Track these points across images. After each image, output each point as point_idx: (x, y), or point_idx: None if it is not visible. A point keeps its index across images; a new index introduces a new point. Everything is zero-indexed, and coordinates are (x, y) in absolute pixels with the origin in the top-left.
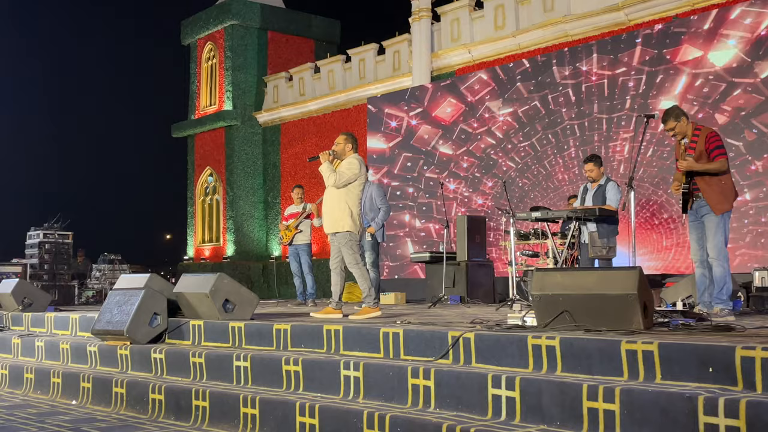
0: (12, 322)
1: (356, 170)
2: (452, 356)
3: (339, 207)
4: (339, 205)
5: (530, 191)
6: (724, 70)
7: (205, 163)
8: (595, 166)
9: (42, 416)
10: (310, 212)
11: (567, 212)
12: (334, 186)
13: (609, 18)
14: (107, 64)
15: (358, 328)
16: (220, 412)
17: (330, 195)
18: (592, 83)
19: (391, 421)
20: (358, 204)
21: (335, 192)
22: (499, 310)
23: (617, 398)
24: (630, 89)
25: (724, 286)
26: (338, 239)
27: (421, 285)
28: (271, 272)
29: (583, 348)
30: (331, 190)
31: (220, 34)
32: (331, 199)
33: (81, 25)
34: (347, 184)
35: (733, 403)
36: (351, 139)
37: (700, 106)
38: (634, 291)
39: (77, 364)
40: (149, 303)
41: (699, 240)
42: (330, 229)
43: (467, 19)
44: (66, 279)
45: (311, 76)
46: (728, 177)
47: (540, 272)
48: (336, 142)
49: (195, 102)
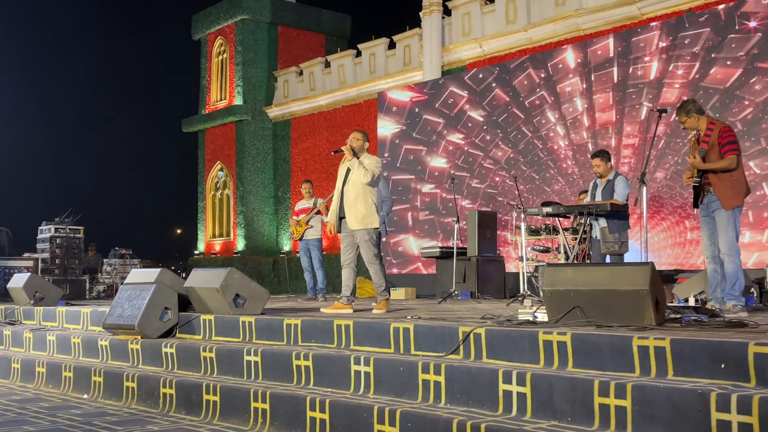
0: (24, 316)
1: (380, 168)
2: (463, 351)
3: (366, 203)
4: (366, 201)
5: (541, 185)
6: (745, 56)
7: (215, 157)
8: (602, 162)
9: (53, 410)
10: (320, 208)
11: (578, 207)
12: (367, 183)
13: (621, 12)
14: (119, 58)
15: (369, 323)
16: (231, 406)
17: (355, 191)
18: (604, 71)
19: (402, 416)
20: (378, 200)
21: (360, 188)
22: (509, 306)
23: (629, 394)
24: (642, 77)
25: (737, 282)
26: (361, 235)
27: (429, 280)
28: (281, 267)
29: (594, 344)
30: (355, 187)
31: (230, 29)
32: (357, 196)
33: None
34: (376, 181)
35: (745, 399)
36: (367, 137)
37: (719, 95)
38: (646, 287)
39: (88, 359)
40: (160, 297)
41: (710, 235)
42: (357, 226)
43: (478, 13)
44: (77, 273)
45: (321, 71)
46: (740, 172)
47: (551, 267)
48: (354, 137)
49: (205, 97)
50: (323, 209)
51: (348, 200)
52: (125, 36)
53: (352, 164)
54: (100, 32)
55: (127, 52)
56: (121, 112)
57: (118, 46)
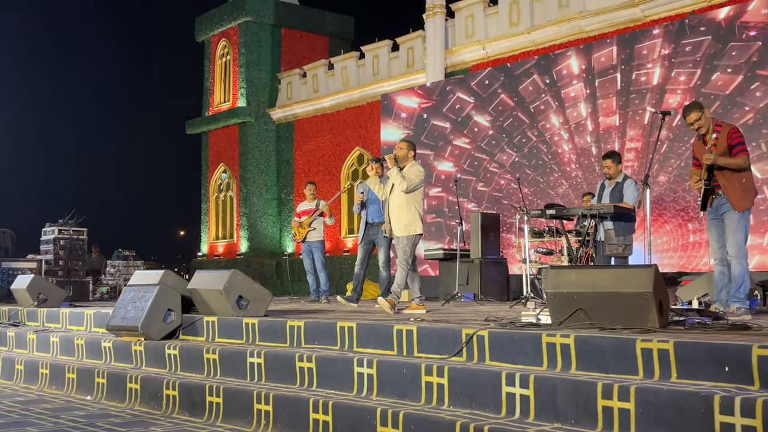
0: (27, 317)
1: (422, 177)
2: (466, 354)
3: (410, 211)
4: (409, 209)
5: (545, 188)
6: (745, 64)
7: (218, 159)
8: (614, 163)
9: (57, 411)
10: (323, 210)
11: (582, 209)
12: (404, 191)
13: (625, 14)
14: (122, 60)
15: (372, 325)
16: (234, 408)
17: (398, 200)
18: (607, 77)
19: (405, 418)
20: (422, 207)
21: (403, 196)
22: (513, 308)
23: (632, 397)
24: (645, 83)
25: (742, 285)
26: (403, 239)
27: (432, 282)
28: (284, 269)
29: (598, 346)
30: (398, 195)
31: (234, 31)
32: (400, 204)
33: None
34: (415, 189)
35: (749, 402)
36: (413, 146)
37: (720, 101)
38: (650, 289)
39: (92, 360)
40: (163, 299)
41: (719, 238)
42: (402, 233)
43: (482, 15)
44: (81, 275)
45: (325, 73)
46: (749, 174)
47: (555, 270)
48: (399, 147)
49: (209, 99)
50: (327, 211)
51: (392, 209)
52: (131, 36)
53: (392, 173)
54: (104, 32)
55: (131, 53)
56: (125, 113)
57: (121, 46)
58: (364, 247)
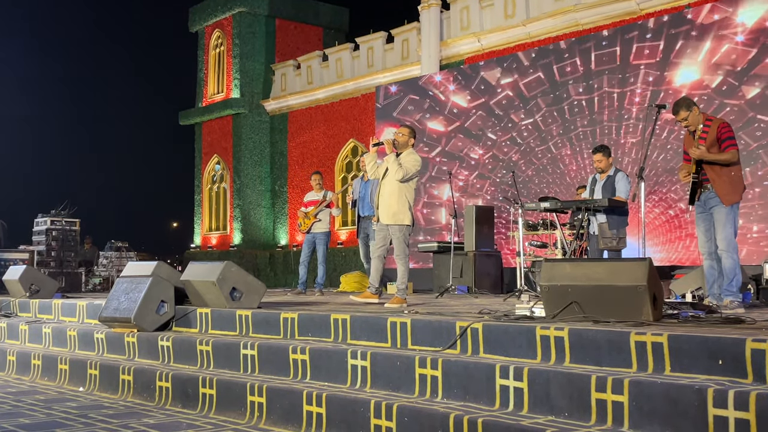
0: (19, 308)
1: (419, 167)
2: (460, 346)
3: (399, 200)
4: (399, 198)
5: (539, 182)
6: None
7: (212, 151)
8: (604, 157)
9: (49, 403)
10: (330, 201)
11: (576, 203)
12: (399, 180)
13: (620, 7)
14: (115, 50)
15: (366, 318)
16: (227, 400)
17: (390, 187)
18: (602, 68)
19: (399, 410)
20: (413, 197)
21: (395, 185)
22: (506, 301)
23: (626, 390)
24: (641, 76)
25: (734, 278)
26: (394, 231)
27: (426, 275)
28: (278, 261)
29: (591, 339)
30: (390, 183)
31: (228, 21)
32: (391, 192)
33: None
34: (411, 179)
35: (742, 395)
36: (413, 133)
37: (725, 75)
38: (644, 282)
39: (84, 351)
40: (156, 290)
41: (707, 232)
42: (389, 221)
43: (477, 7)
44: (73, 266)
45: (319, 64)
46: (738, 168)
47: (549, 263)
48: (400, 132)
49: (203, 89)
50: (334, 201)
51: (383, 194)
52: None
53: (389, 158)
54: (95, 22)
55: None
56: (118, 104)
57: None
58: (363, 240)
